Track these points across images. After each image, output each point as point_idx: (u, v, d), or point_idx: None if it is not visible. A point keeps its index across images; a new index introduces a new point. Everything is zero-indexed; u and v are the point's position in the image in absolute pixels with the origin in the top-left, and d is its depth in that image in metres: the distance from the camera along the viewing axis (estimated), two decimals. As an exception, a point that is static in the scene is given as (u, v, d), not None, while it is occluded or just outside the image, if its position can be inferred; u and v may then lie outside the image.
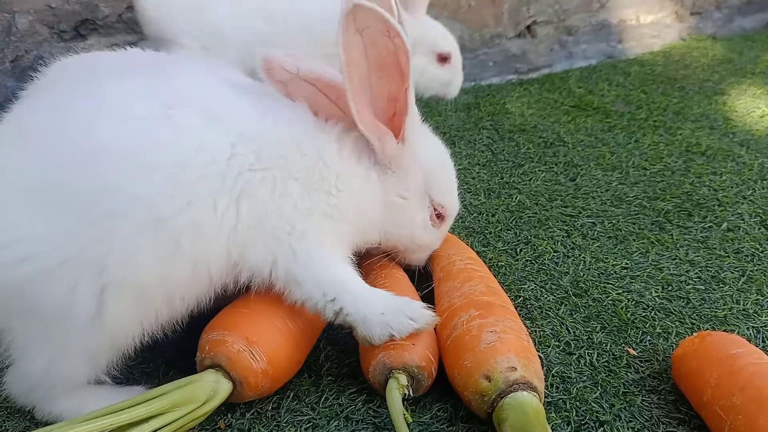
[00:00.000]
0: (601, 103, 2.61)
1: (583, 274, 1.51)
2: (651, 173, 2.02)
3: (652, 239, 1.65)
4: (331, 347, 1.28)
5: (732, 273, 1.52)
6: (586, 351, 1.27)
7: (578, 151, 2.19)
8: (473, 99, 2.64)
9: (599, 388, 1.18)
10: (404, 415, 1.02)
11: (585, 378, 1.20)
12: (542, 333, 1.32)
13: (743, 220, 1.75)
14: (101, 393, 1.11)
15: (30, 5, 2.00)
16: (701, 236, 1.67)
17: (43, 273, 0.98)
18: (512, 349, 1.06)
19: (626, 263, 1.55)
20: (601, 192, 1.91)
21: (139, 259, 1.01)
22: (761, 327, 1.34)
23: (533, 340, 1.26)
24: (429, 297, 1.32)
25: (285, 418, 1.12)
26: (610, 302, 1.41)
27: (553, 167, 2.08)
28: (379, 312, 1.10)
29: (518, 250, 1.62)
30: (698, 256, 1.59)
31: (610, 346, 1.29)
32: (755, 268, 1.54)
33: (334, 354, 1.27)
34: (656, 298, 1.43)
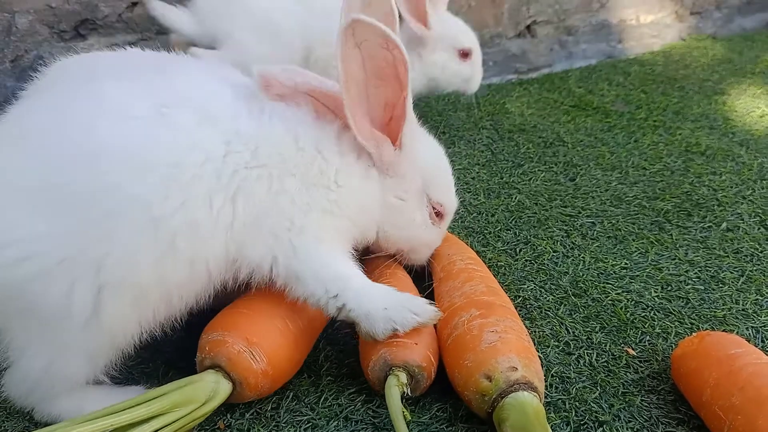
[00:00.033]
0: (601, 103, 2.61)
1: (583, 274, 1.51)
2: (650, 173, 2.02)
3: (651, 239, 1.66)
4: (330, 347, 1.28)
5: (731, 273, 1.52)
6: (586, 351, 1.27)
7: (578, 150, 2.19)
8: (473, 99, 2.63)
9: (598, 388, 1.18)
10: (403, 412, 1.02)
11: (584, 378, 1.21)
12: (541, 333, 1.32)
13: (743, 220, 1.75)
14: (101, 393, 1.11)
15: (30, 5, 2.00)
16: (701, 236, 1.67)
17: (42, 273, 0.97)
18: (513, 349, 1.07)
19: (626, 263, 1.56)
20: (601, 192, 1.91)
21: (137, 258, 1.01)
22: (760, 327, 1.34)
23: (533, 340, 1.27)
24: (429, 297, 1.32)
25: (284, 419, 1.12)
26: (610, 302, 1.42)
27: (552, 167, 2.08)
28: (382, 307, 1.10)
29: (518, 250, 1.62)
30: (698, 256, 1.59)
31: (610, 346, 1.29)
32: (754, 268, 1.54)
33: (333, 354, 1.27)
34: (655, 298, 1.43)
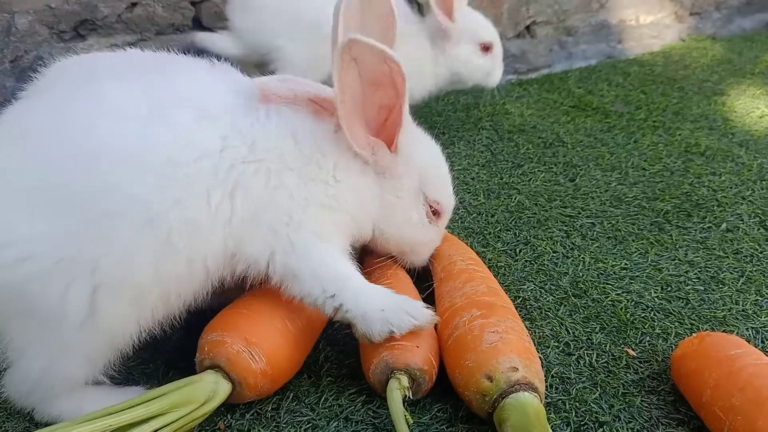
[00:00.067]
0: (601, 104, 2.62)
1: (583, 275, 1.51)
2: (650, 174, 2.02)
3: (651, 240, 1.66)
4: (330, 348, 1.28)
5: (731, 273, 1.52)
6: (586, 352, 1.27)
7: (577, 151, 2.19)
8: (472, 99, 2.64)
9: (598, 388, 1.18)
10: (405, 415, 1.02)
11: (584, 379, 1.20)
12: (541, 334, 1.32)
13: (742, 220, 1.75)
14: (100, 394, 1.11)
15: (29, 5, 1.99)
16: (700, 237, 1.67)
17: (41, 273, 0.97)
18: (514, 349, 1.07)
19: (625, 264, 1.56)
20: (601, 192, 1.91)
21: (135, 258, 1.01)
22: (760, 328, 1.34)
23: (533, 340, 1.27)
24: (430, 297, 1.32)
25: (285, 419, 1.12)
26: (610, 303, 1.42)
27: (552, 168, 2.08)
28: (379, 308, 1.09)
29: (517, 250, 1.62)
30: (697, 256, 1.59)
31: (610, 346, 1.29)
32: (754, 269, 1.54)
33: (333, 355, 1.27)
34: (655, 299, 1.43)
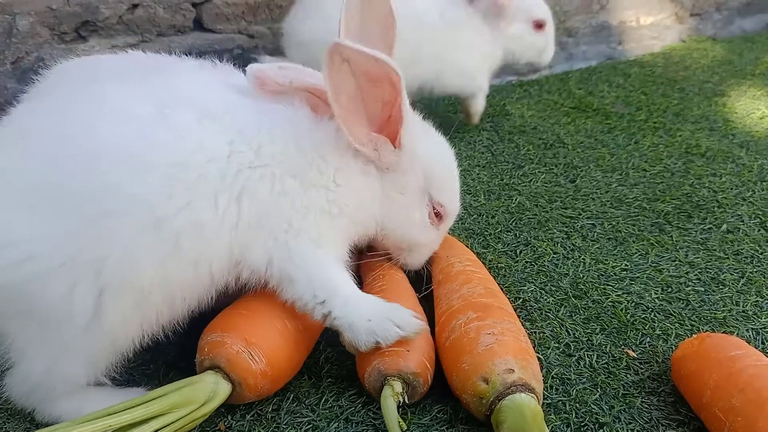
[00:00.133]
0: (601, 105, 2.62)
1: (583, 276, 1.51)
2: (651, 175, 2.02)
3: (651, 241, 1.66)
4: (331, 349, 1.28)
5: (731, 275, 1.52)
6: (586, 353, 1.27)
7: (578, 152, 2.20)
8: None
9: (599, 389, 1.18)
10: (399, 422, 1.02)
11: (585, 380, 1.21)
12: (542, 335, 1.32)
13: (743, 221, 1.75)
14: (101, 394, 1.11)
15: (31, 7, 2.00)
16: (701, 238, 1.67)
17: (42, 274, 0.97)
18: (510, 351, 1.06)
19: (626, 265, 1.56)
20: (601, 193, 1.91)
21: (138, 260, 1.01)
22: (761, 329, 1.34)
23: (533, 341, 1.27)
24: (428, 299, 1.32)
25: (285, 420, 1.12)
26: (610, 304, 1.42)
27: (552, 169, 2.08)
28: (366, 318, 1.09)
29: (518, 251, 1.62)
30: (698, 257, 1.59)
31: (610, 347, 1.29)
32: (755, 270, 1.54)
33: (334, 356, 1.27)
34: (656, 300, 1.43)
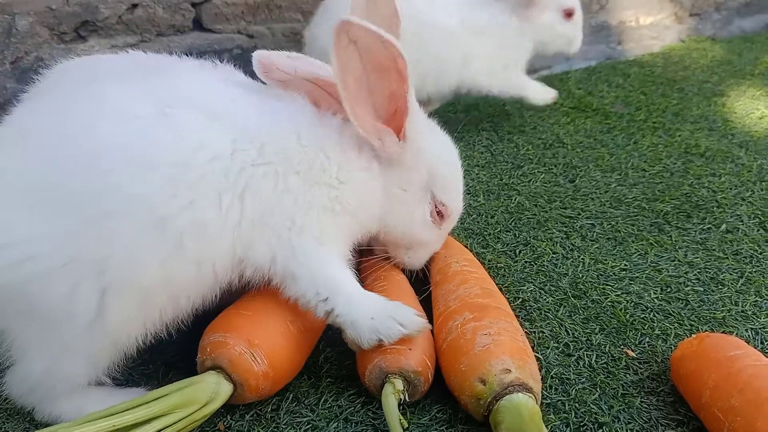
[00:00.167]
0: (601, 105, 2.62)
1: (582, 276, 1.51)
2: (650, 175, 2.03)
3: (651, 241, 1.66)
4: (330, 349, 1.28)
5: (731, 274, 1.52)
6: (585, 352, 1.27)
7: (577, 152, 2.20)
8: (473, 100, 2.64)
9: (598, 389, 1.18)
10: (400, 420, 1.02)
11: (584, 379, 1.21)
12: (541, 334, 1.32)
13: (742, 221, 1.75)
14: (101, 394, 1.11)
15: (30, 7, 2.00)
16: (700, 238, 1.68)
17: (43, 274, 0.97)
18: (506, 351, 1.06)
19: (625, 265, 1.56)
20: (600, 193, 1.91)
21: (141, 259, 1.01)
22: (760, 329, 1.34)
23: (532, 341, 1.27)
24: (427, 300, 1.32)
25: (284, 420, 1.12)
26: (609, 304, 1.42)
27: (552, 169, 2.08)
28: (369, 316, 1.09)
29: (517, 251, 1.62)
30: (697, 257, 1.59)
31: (609, 347, 1.29)
32: (754, 270, 1.54)
33: (333, 356, 1.27)
34: (655, 300, 1.43)
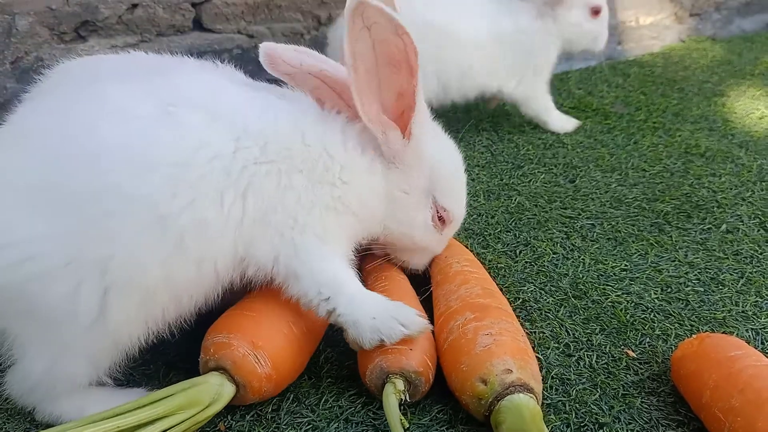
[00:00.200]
0: (601, 105, 2.62)
1: (583, 276, 1.51)
2: (650, 175, 2.03)
3: (651, 241, 1.66)
4: (331, 349, 1.28)
5: (731, 275, 1.52)
6: (586, 353, 1.27)
7: (577, 152, 2.20)
8: (473, 100, 2.64)
9: (598, 390, 1.18)
10: (401, 420, 1.02)
11: (584, 380, 1.21)
12: (541, 335, 1.32)
13: (742, 221, 1.75)
14: (102, 394, 1.11)
15: (30, 7, 2.00)
16: (700, 238, 1.68)
17: (43, 274, 0.97)
18: (508, 351, 1.06)
19: (625, 265, 1.56)
20: (601, 194, 1.91)
21: (142, 259, 1.01)
22: (760, 329, 1.34)
23: (533, 342, 1.27)
24: (428, 300, 1.32)
25: (285, 420, 1.12)
26: (610, 304, 1.42)
27: (552, 169, 2.08)
28: (371, 316, 1.09)
29: (517, 251, 1.62)
30: (697, 257, 1.59)
31: (610, 348, 1.29)
32: (754, 270, 1.54)
33: (334, 356, 1.27)
34: (655, 300, 1.43)
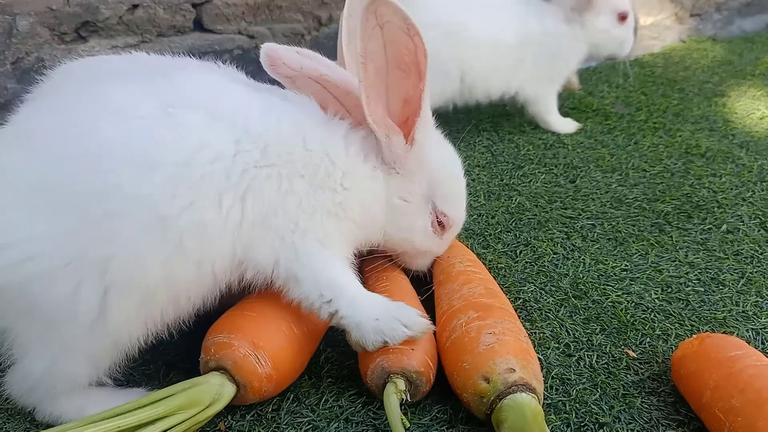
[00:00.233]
0: (601, 105, 2.62)
1: (583, 276, 1.51)
2: (650, 175, 2.03)
3: (651, 241, 1.66)
4: (331, 349, 1.28)
5: (731, 275, 1.52)
6: (586, 353, 1.27)
7: (578, 152, 2.20)
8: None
9: (599, 389, 1.18)
10: (402, 419, 1.02)
11: (584, 380, 1.21)
12: (542, 335, 1.32)
13: (743, 221, 1.75)
14: (102, 395, 1.11)
15: (31, 7, 2.00)
16: (701, 238, 1.68)
17: (44, 274, 0.97)
18: (511, 350, 1.07)
19: (626, 265, 1.56)
20: (601, 194, 1.91)
21: (143, 259, 1.01)
22: (760, 329, 1.34)
23: (533, 342, 1.27)
24: (430, 299, 1.32)
25: (285, 420, 1.12)
26: (610, 304, 1.42)
27: (552, 169, 2.08)
28: (374, 318, 1.09)
29: (518, 252, 1.62)
30: (698, 257, 1.59)
31: (610, 348, 1.29)
32: (755, 270, 1.54)
33: (334, 356, 1.27)
34: (656, 300, 1.43)
